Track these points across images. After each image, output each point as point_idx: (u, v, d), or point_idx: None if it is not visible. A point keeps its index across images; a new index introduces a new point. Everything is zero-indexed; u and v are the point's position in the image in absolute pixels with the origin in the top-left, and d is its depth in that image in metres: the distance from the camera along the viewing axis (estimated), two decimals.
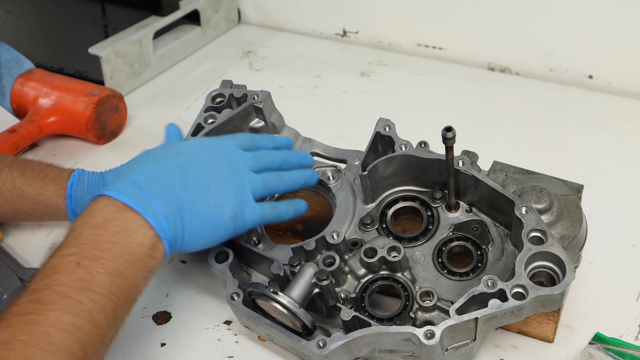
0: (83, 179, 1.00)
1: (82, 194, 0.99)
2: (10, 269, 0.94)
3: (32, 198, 0.99)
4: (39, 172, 1.00)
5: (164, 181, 0.79)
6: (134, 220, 0.75)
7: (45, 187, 0.99)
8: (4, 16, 1.66)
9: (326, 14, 1.61)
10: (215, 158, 0.84)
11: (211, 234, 0.82)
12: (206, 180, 0.82)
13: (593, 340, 0.87)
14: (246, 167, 0.87)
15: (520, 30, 1.43)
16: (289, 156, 0.94)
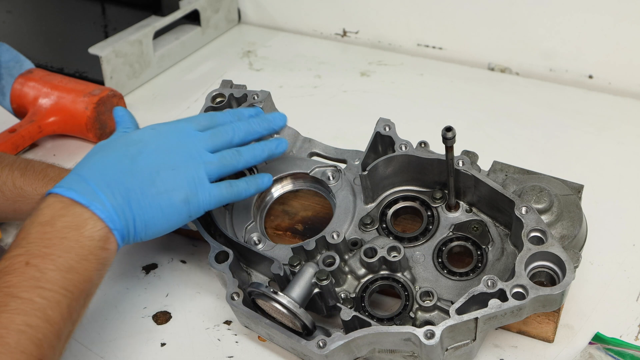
0: None
1: None
2: None
3: (32, 198, 0.99)
4: (40, 171, 1.00)
5: (112, 172, 0.79)
6: (82, 214, 0.75)
7: (46, 186, 0.99)
8: (4, 16, 1.66)
9: (326, 14, 1.61)
10: (166, 143, 0.83)
11: (164, 221, 0.81)
12: (155, 166, 0.81)
13: (593, 340, 0.87)
14: (202, 148, 0.85)
15: (520, 30, 1.43)
16: (252, 125, 0.90)
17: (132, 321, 0.92)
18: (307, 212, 1.01)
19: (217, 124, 0.89)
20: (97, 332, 0.91)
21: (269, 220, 1.00)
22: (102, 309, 0.94)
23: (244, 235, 0.94)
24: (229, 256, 0.87)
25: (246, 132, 0.89)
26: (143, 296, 0.96)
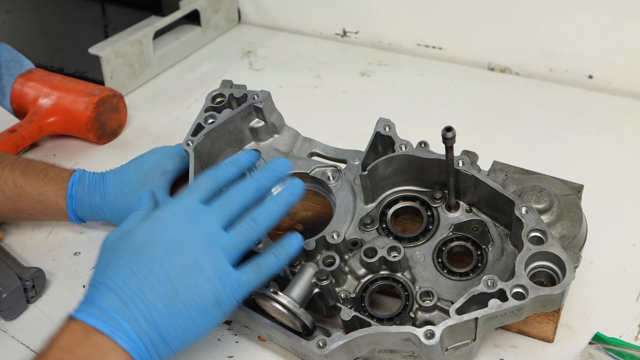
0: (84, 179, 1.00)
1: (83, 194, 0.99)
2: (10, 268, 0.94)
3: (32, 197, 0.99)
4: (40, 171, 1.00)
5: (129, 290, 0.71)
6: (104, 345, 0.69)
7: (46, 186, 0.99)
8: (4, 16, 1.66)
9: (326, 14, 1.61)
10: (176, 236, 0.74)
11: (197, 329, 0.74)
12: (174, 271, 0.72)
13: (593, 340, 0.87)
14: (215, 228, 0.75)
15: (520, 30, 1.43)
16: (260, 180, 0.81)
17: None
18: (307, 212, 1.01)
19: (220, 185, 0.80)
20: None
21: None
22: None
23: None
24: None
25: (255, 190, 0.80)
26: None
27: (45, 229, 1.07)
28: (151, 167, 1.02)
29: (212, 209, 0.77)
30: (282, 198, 0.80)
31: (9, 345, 0.89)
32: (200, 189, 0.78)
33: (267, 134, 1.04)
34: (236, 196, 0.78)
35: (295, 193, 0.81)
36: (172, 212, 0.76)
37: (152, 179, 1.00)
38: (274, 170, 0.82)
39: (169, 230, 0.74)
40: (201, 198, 0.77)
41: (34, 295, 0.95)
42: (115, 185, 1.00)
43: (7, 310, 0.92)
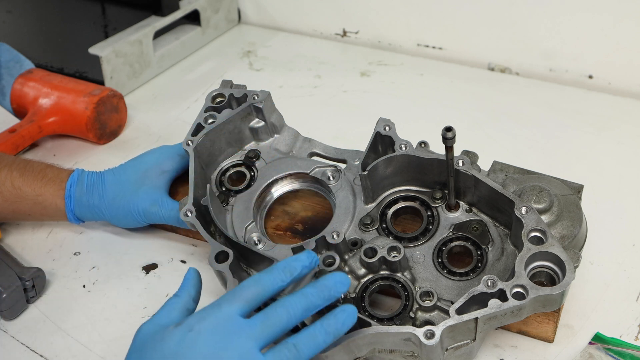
0: (82, 179, 1.00)
1: (81, 195, 0.99)
2: (10, 268, 0.94)
3: (31, 198, 0.99)
4: (39, 172, 1.00)
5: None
6: None
7: (45, 187, 0.99)
8: (4, 16, 1.66)
9: (326, 14, 1.61)
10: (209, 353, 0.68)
11: None
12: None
13: (593, 340, 0.87)
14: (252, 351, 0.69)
15: (520, 30, 1.43)
16: (310, 299, 0.72)
17: (132, 321, 0.92)
18: (307, 212, 1.01)
19: (266, 295, 0.73)
20: (97, 332, 0.91)
21: (269, 220, 1.00)
22: (102, 309, 0.94)
23: (244, 235, 0.94)
24: (229, 256, 0.86)
25: (304, 311, 0.72)
26: (143, 296, 0.96)
27: (45, 229, 1.07)
28: (150, 166, 1.02)
29: (252, 326, 0.69)
30: (331, 327, 0.72)
31: (9, 345, 0.89)
32: (243, 299, 0.71)
33: (267, 134, 1.04)
34: (282, 315, 0.70)
35: (347, 323, 0.72)
36: (208, 323, 0.70)
37: (151, 178, 1.00)
38: (329, 287, 0.73)
39: (201, 344, 0.68)
40: (242, 310, 0.71)
41: (34, 295, 0.95)
42: (113, 185, 1.00)
43: (7, 311, 0.92)
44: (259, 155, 1.03)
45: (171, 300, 0.76)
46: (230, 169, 1.03)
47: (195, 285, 0.78)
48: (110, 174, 1.01)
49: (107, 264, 1.01)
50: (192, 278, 0.79)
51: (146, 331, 0.72)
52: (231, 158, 1.04)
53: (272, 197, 1.01)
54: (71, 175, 1.01)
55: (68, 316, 0.93)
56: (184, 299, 0.76)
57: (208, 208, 0.91)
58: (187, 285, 0.78)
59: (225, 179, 1.02)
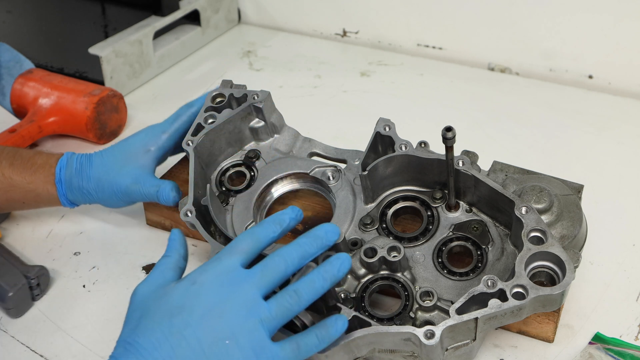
0: (71, 162, 1.00)
1: (71, 178, 0.99)
2: (14, 267, 0.94)
3: (22, 186, 0.98)
4: (28, 160, 0.99)
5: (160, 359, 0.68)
6: None
7: (35, 174, 0.98)
8: (4, 16, 1.66)
9: (326, 14, 1.61)
10: (213, 301, 0.70)
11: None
12: (208, 342, 0.68)
13: (593, 340, 0.87)
14: (255, 297, 0.71)
15: (520, 30, 1.43)
16: (305, 248, 0.76)
17: None
18: (307, 212, 1.01)
19: (262, 246, 0.76)
20: (97, 332, 0.91)
21: None
22: (102, 309, 0.94)
23: None
24: None
25: (299, 258, 0.75)
26: None
27: (45, 228, 1.07)
28: (134, 146, 1.01)
29: (252, 275, 0.72)
30: (328, 273, 0.75)
31: (9, 345, 0.89)
32: (241, 251, 0.74)
33: (267, 134, 1.04)
34: (279, 263, 0.73)
35: (343, 269, 0.75)
36: (210, 275, 0.72)
37: (135, 157, 1.00)
38: (320, 237, 0.77)
39: (206, 295, 0.70)
40: (242, 261, 0.74)
41: (39, 293, 0.95)
42: (99, 167, 0.99)
43: (14, 309, 0.92)
44: (259, 155, 1.03)
45: (162, 261, 0.77)
46: (230, 169, 1.03)
47: (182, 244, 0.80)
48: (98, 157, 1.01)
49: (107, 264, 1.01)
50: (178, 238, 0.80)
51: (144, 291, 0.73)
52: (231, 158, 1.04)
53: (272, 197, 1.01)
54: (60, 159, 1.00)
55: (68, 316, 0.93)
56: (175, 258, 0.77)
57: (208, 208, 0.91)
58: (175, 245, 0.79)
59: (225, 179, 1.02)
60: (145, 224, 1.08)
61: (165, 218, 1.05)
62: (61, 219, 1.09)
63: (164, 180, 0.98)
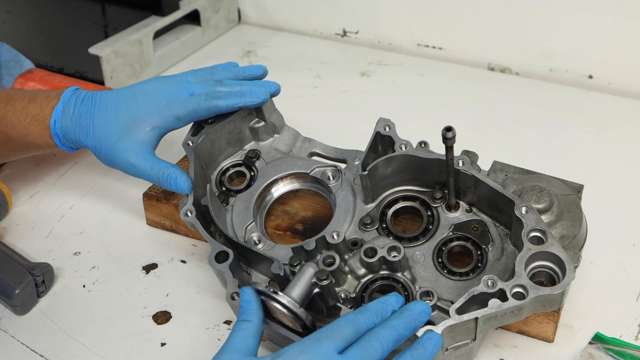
0: (68, 111, 0.96)
1: (67, 131, 0.96)
2: (19, 264, 0.94)
3: (19, 139, 0.96)
4: (21, 110, 0.96)
5: None
6: None
7: (29, 127, 0.95)
8: (4, 16, 1.66)
9: (326, 14, 1.61)
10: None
11: None
12: None
13: (593, 340, 0.87)
14: None
15: (520, 30, 1.43)
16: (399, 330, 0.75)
17: (132, 321, 0.92)
18: (307, 212, 1.01)
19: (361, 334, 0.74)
20: (97, 332, 0.91)
21: (269, 220, 1.00)
22: (102, 309, 0.94)
23: (244, 235, 0.94)
24: (229, 256, 0.87)
25: (394, 342, 0.74)
26: (143, 296, 0.96)
27: (45, 228, 1.07)
28: (141, 116, 0.95)
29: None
30: (420, 356, 0.74)
31: (9, 346, 0.89)
32: (340, 338, 0.72)
33: (267, 134, 1.04)
34: (377, 349, 0.72)
35: (435, 352, 0.74)
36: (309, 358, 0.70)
37: (138, 131, 0.94)
38: (414, 319, 0.75)
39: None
40: (338, 348, 0.71)
41: (44, 290, 0.95)
42: (101, 127, 0.94)
43: (20, 306, 0.92)
44: (259, 155, 1.03)
45: (242, 326, 0.74)
46: (230, 168, 1.03)
47: (259, 304, 0.77)
48: (101, 112, 0.95)
49: (107, 264, 1.01)
50: (254, 298, 0.77)
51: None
52: (231, 158, 1.04)
53: (272, 197, 1.01)
54: (55, 109, 0.95)
55: (68, 316, 0.93)
56: (256, 324, 0.75)
57: (208, 208, 0.91)
58: (252, 306, 0.76)
59: (225, 179, 1.02)
60: (145, 224, 1.08)
61: (165, 218, 1.05)
62: (61, 219, 1.09)
63: (168, 165, 0.93)
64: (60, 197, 1.13)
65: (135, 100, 0.96)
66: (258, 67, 1.03)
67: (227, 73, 1.01)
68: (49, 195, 1.14)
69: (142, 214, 1.08)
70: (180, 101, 0.96)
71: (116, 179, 1.15)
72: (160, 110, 0.96)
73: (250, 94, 0.97)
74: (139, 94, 0.97)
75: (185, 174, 0.93)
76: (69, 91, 0.97)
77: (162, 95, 0.97)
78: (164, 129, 0.97)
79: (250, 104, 0.97)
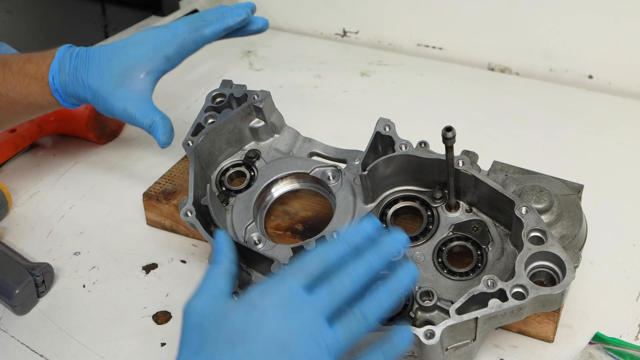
0: (64, 66, 0.98)
1: (65, 85, 0.97)
2: (19, 264, 0.94)
3: (21, 100, 0.97)
4: (18, 71, 0.97)
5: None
6: None
7: (29, 87, 0.97)
8: (4, 16, 1.66)
9: (326, 14, 1.61)
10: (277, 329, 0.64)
11: None
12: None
13: (593, 340, 0.87)
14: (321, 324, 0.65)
15: (520, 30, 1.43)
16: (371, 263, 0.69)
17: (132, 321, 0.92)
18: (307, 212, 1.01)
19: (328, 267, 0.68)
20: (97, 332, 0.91)
21: (269, 220, 1.00)
22: (102, 309, 0.94)
23: (244, 235, 0.94)
24: None
25: (366, 275, 0.68)
26: (143, 296, 0.96)
27: (45, 228, 1.07)
28: (133, 63, 0.97)
29: (318, 299, 0.66)
30: (394, 287, 0.68)
31: (9, 346, 0.89)
32: (306, 272, 0.67)
33: (267, 134, 1.04)
34: (346, 283, 0.67)
35: (410, 283, 0.70)
36: (273, 299, 0.65)
37: (133, 79, 0.97)
38: (387, 250, 0.70)
39: (269, 322, 0.64)
40: (306, 283, 0.66)
41: (44, 290, 0.95)
42: (95, 79, 0.97)
43: (20, 306, 0.92)
44: (259, 155, 1.03)
45: (213, 268, 0.71)
46: (230, 168, 1.03)
47: (231, 247, 0.73)
48: (95, 63, 0.97)
49: (107, 264, 1.01)
50: (226, 242, 0.73)
51: (199, 306, 0.67)
52: (231, 158, 1.04)
53: (272, 197, 1.01)
54: (51, 65, 0.97)
55: (68, 316, 0.93)
56: (225, 265, 0.71)
57: (208, 208, 0.91)
58: (223, 250, 0.72)
59: (225, 179, 1.02)
60: (145, 224, 1.08)
61: (165, 218, 1.05)
62: (61, 219, 1.09)
63: (158, 114, 0.96)
64: (60, 197, 1.13)
65: (125, 50, 0.98)
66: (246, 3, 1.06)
67: (214, 12, 1.03)
68: (49, 195, 1.14)
69: (142, 214, 1.08)
70: (167, 41, 0.99)
71: (116, 179, 1.15)
72: (150, 54, 0.98)
73: (231, 13, 1.00)
74: (130, 44, 0.99)
75: (169, 128, 0.96)
76: (62, 48, 1.00)
77: (149, 40, 0.99)
78: (157, 73, 1.00)
79: (233, 23, 1.00)
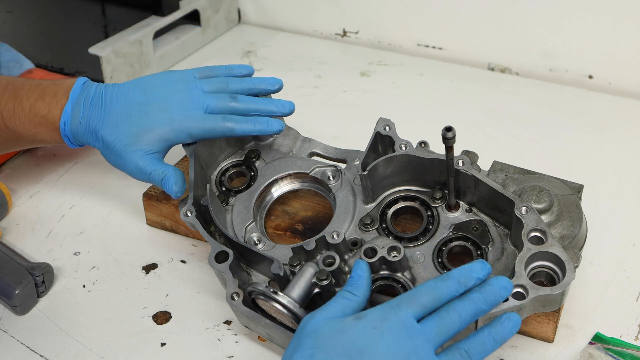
0: (77, 112, 0.95)
1: (77, 134, 0.96)
2: (19, 264, 0.94)
3: (28, 137, 0.97)
4: (29, 109, 0.95)
5: None
6: None
7: (39, 127, 0.95)
8: (4, 16, 1.66)
9: (326, 14, 1.61)
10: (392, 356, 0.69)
11: None
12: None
13: (593, 340, 0.87)
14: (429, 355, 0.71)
15: (520, 30, 1.43)
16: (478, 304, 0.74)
17: (132, 321, 0.92)
18: (307, 212, 1.01)
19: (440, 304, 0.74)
20: (97, 332, 0.91)
21: (269, 220, 1.00)
22: (102, 309, 0.94)
23: (244, 235, 0.94)
24: (229, 256, 0.87)
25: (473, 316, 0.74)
26: (143, 296, 0.96)
27: (45, 228, 1.07)
28: (153, 128, 0.94)
29: (428, 330, 0.71)
30: (498, 334, 0.74)
31: (9, 345, 0.89)
32: (419, 305, 0.73)
33: (267, 134, 1.04)
34: (454, 319, 0.72)
35: (513, 332, 0.75)
36: (389, 324, 0.71)
37: (150, 141, 0.93)
38: (494, 293, 0.75)
39: (385, 344, 0.69)
40: (417, 315, 0.72)
41: (44, 290, 0.95)
42: (109, 133, 0.93)
43: (20, 306, 0.92)
44: (259, 155, 1.03)
45: (346, 296, 0.76)
46: (230, 168, 1.03)
47: (369, 284, 0.78)
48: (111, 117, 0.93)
49: (107, 264, 1.01)
50: (367, 277, 0.78)
51: (320, 322, 0.72)
52: (231, 158, 1.04)
53: (272, 197, 1.01)
54: (64, 110, 0.94)
55: (68, 316, 0.93)
56: (361, 300, 0.76)
57: (208, 208, 0.91)
58: (362, 283, 0.78)
59: (225, 179, 1.02)
60: (145, 224, 1.08)
61: (165, 218, 1.05)
62: (61, 219, 1.09)
63: (169, 168, 0.93)
64: (60, 197, 1.13)
65: (147, 109, 0.94)
66: (273, 80, 1.01)
67: (242, 85, 1.01)
68: (49, 195, 1.14)
69: (142, 214, 1.08)
70: (195, 119, 0.94)
71: (116, 179, 1.15)
72: (174, 125, 0.94)
73: (267, 124, 0.97)
74: (152, 102, 0.95)
75: (181, 178, 0.93)
76: (77, 87, 0.96)
77: (176, 107, 0.95)
78: (174, 142, 0.96)
79: (266, 134, 0.98)
